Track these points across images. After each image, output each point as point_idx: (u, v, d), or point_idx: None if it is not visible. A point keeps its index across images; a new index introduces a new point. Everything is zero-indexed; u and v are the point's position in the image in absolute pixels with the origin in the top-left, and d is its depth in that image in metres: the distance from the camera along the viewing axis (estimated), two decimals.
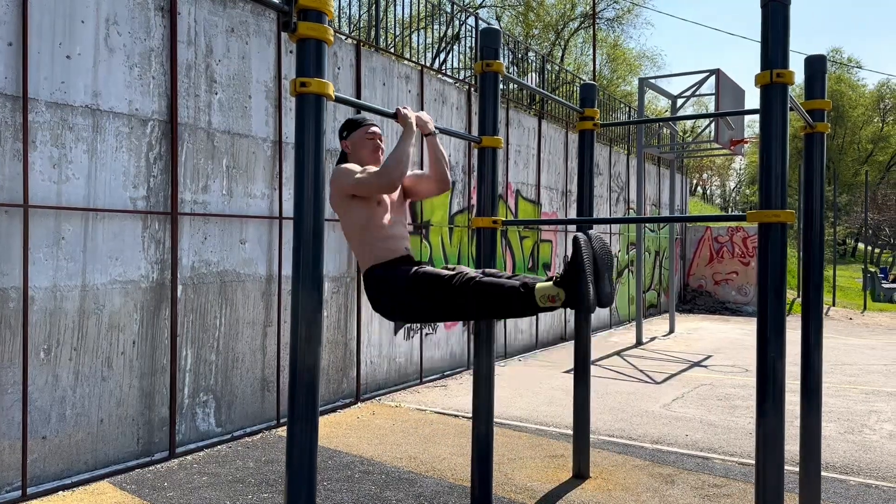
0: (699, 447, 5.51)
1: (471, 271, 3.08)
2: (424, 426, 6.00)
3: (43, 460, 4.40)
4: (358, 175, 3.12)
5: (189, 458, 5.09)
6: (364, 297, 6.92)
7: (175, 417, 5.11)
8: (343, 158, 3.41)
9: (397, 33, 11.13)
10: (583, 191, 4.76)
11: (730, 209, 58.95)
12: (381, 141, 3.37)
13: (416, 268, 3.11)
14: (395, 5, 8.32)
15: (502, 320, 9.38)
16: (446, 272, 3.06)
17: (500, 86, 3.86)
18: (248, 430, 5.69)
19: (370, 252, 3.18)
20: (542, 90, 4.08)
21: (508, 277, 3.06)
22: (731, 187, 65.92)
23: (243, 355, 5.67)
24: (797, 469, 4.36)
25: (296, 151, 2.61)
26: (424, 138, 3.39)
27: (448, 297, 2.98)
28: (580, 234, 2.84)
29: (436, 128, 3.40)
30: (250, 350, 5.73)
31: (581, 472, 4.73)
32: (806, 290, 4.14)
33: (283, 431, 5.79)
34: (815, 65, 4.11)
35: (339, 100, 2.77)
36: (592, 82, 4.85)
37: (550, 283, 2.86)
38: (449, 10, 10.34)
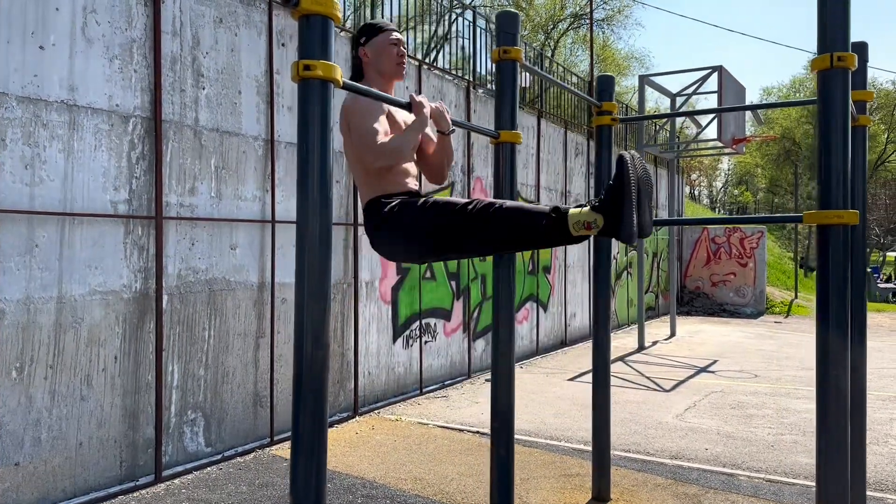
0: (722, 462, 5.18)
1: (488, 199, 2.72)
2: (428, 442, 5.64)
3: (16, 489, 4.00)
4: (368, 130, 2.77)
5: (177, 482, 4.70)
6: (362, 305, 6.56)
7: (161, 438, 4.72)
8: (357, 70, 3.02)
9: None
10: (601, 191, 4.41)
11: (717, 209, 59.05)
12: (405, 48, 3.02)
13: (424, 198, 2.79)
14: (386, 4, 7.95)
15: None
16: (461, 199, 2.70)
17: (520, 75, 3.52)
18: (239, 449, 5.31)
19: (377, 182, 2.85)
20: (563, 83, 3.76)
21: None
22: (719, 187, 66.04)
23: (234, 369, 5.29)
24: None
25: (299, 146, 2.25)
26: (437, 135, 3.04)
27: (463, 226, 2.61)
28: (625, 153, 2.45)
29: (452, 122, 3.03)
30: (241, 363, 5.35)
31: (601, 494, 4.39)
32: None
33: (277, 450, 5.41)
34: (856, 53, 3.78)
35: (346, 86, 2.42)
36: (609, 74, 4.52)
37: (586, 208, 2.48)
38: (442, 6, 10.02)
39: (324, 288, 2.27)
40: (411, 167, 2.99)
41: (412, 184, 2.95)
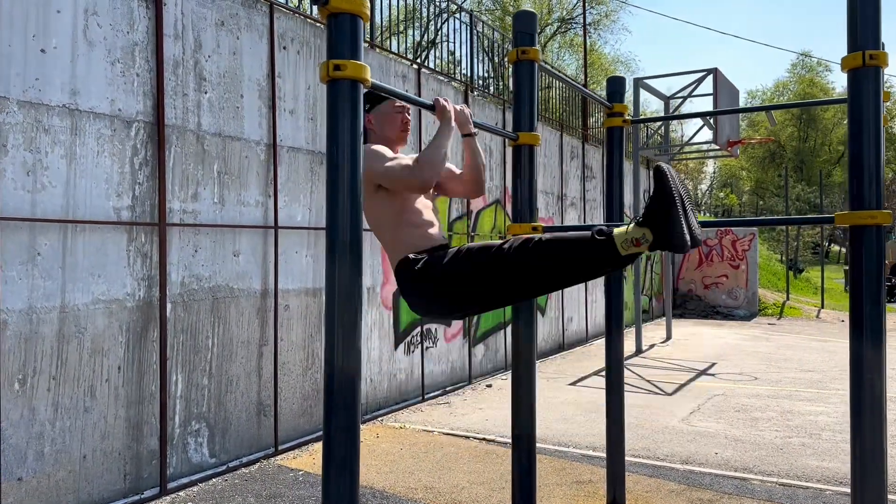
0: (732, 467, 5.14)
1: (524, 235, 2.58)
2: (435, 450, 5.56)
3: None
4: (388, 164, 2.67)
5: (182, 494, 4.60)
6: (363, 310, 6.47)
7: (166, 449, 4.61)
8: (364, 136, 2.96)
9: (382, 33, 10.72)
10: (612, 195, 4.37)
11: (703, 212, 59.36)
12: (409, 115, 2.97)
13: (456, 248, 2.63)
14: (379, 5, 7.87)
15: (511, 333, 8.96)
16: (494, 242, 2.56)
17: (537, 78, 3.46)
18: (243, 459, 5.20)
19: (405, 240, 2.72)
20: (576, 83, 3.71)
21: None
22: (704, 190, 66.42)
23: (238, 378, 5.19)
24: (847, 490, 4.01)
25: (328, 150, 2.18)
26: (462, 138, 2.98)
27: (502, 268, 2.44)
28: (661, 164, 2.34)
29: (474, 124, 2.98)
30: (245, 372, 5.25)
31: (617, 502, 4.32)
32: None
33: (282, 460, 5.31)
34: None
35: (374, 87, 2.35)
36: (621, 75, 4.48)
37: (631, 224, 2.34)
38: (433, 9, 9.97)
39: (354, 298, 2.20)
40: (434, 216, 2.85)
41: (438, 235, 2.80)
